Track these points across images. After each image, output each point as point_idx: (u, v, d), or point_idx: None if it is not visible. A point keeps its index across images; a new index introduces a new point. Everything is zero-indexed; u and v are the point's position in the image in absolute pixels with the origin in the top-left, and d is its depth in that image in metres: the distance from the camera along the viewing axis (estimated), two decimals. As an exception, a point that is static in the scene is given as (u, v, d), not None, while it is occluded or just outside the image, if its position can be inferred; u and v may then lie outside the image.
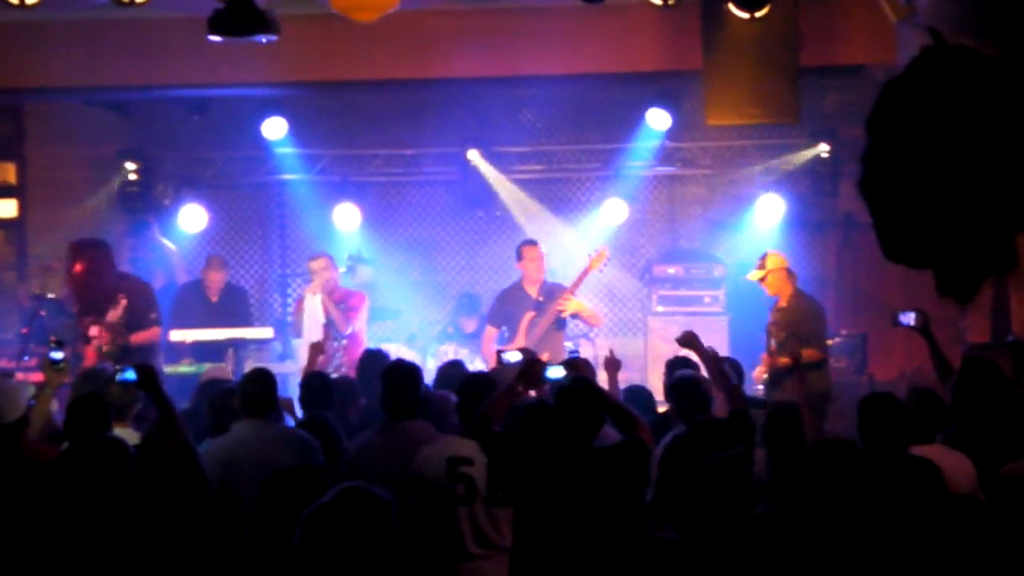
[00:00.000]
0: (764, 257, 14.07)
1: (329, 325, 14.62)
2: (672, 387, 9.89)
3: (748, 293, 16.13)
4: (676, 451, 9.18)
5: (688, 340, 10.55)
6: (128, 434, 9.21)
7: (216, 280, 15.80)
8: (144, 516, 7.34)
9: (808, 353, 12.89)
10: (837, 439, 7.57)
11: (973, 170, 5.60)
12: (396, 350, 14.37)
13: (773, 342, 13.58)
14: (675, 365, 10.98)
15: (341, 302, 14.95)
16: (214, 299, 15.74)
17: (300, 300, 15.12)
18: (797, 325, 13.55)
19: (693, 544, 8.67)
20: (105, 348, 12.99)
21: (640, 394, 10.83)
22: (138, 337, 13.20)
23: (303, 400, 10.34)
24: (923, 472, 7.66)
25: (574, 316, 14.58)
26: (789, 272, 13.94)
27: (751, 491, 8.83)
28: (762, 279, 14.00)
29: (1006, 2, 9.48)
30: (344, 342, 14.76)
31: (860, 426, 8.16)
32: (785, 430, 9.71)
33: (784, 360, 12.77)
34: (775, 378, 13.04)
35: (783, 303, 13.84)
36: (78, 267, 13.32)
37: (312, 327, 14.63)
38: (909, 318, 10.26)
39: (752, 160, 16.75)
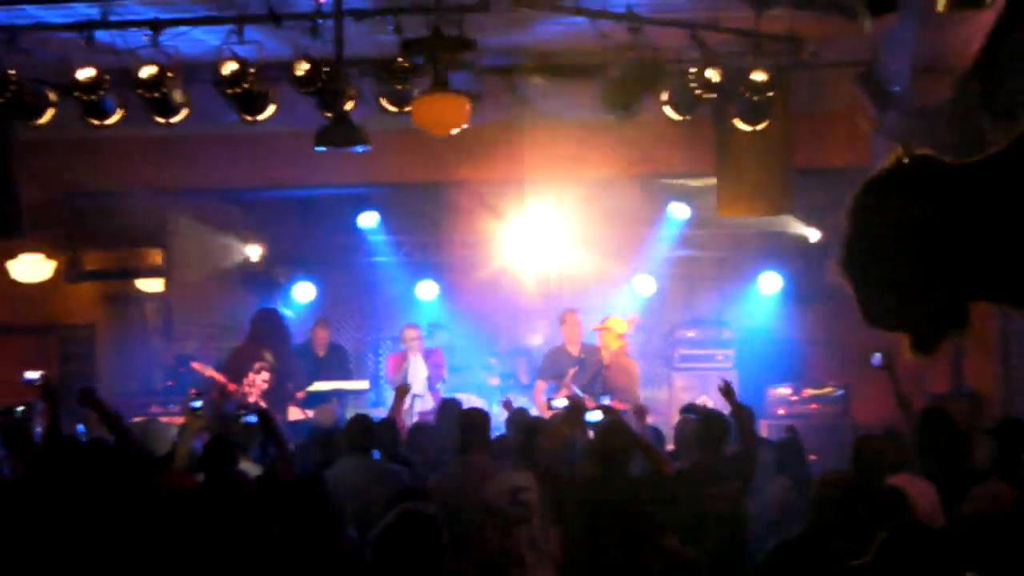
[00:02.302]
0: (607, 318, 14.64)
1: (430, 379, 15.05)
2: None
3: (753, 353, 16.13)
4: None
5: (726, 390, 10.49)
6: (250, 466, 9.28)
7: (322, 336, 15.87)
8: (265, 534, 7.37)
9: (616, 405, 12.91)
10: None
11: (933, 251, 5.60)
12: (467, 399, 14.42)
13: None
14: (686, 410, 11.02)
15: (427, 358, 15.16)
16: (321, 354, 15.80)
17: (401, 359, 15.28)
18: (613, 381, 14.15)
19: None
20: None
21: (654, 433, 10.81)
22: None
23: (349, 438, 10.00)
24: (893, 499, 7.59)
25: (598, 374, 14.54)
26: (620, 337, 14.40)
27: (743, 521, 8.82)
28: (599, 330, 14.50)
29: (955, 121, 9.51)
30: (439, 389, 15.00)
31: (853, 460, 8.12)
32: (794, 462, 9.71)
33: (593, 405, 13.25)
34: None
35: (607, 361, 14.34)
36: None
37: (416, 381, 14.85)
38: (877, 358, 10.29)
39: (756, 244, 16.74)
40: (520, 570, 8.76)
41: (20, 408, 10.28)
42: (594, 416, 8.96)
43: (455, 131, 10.97)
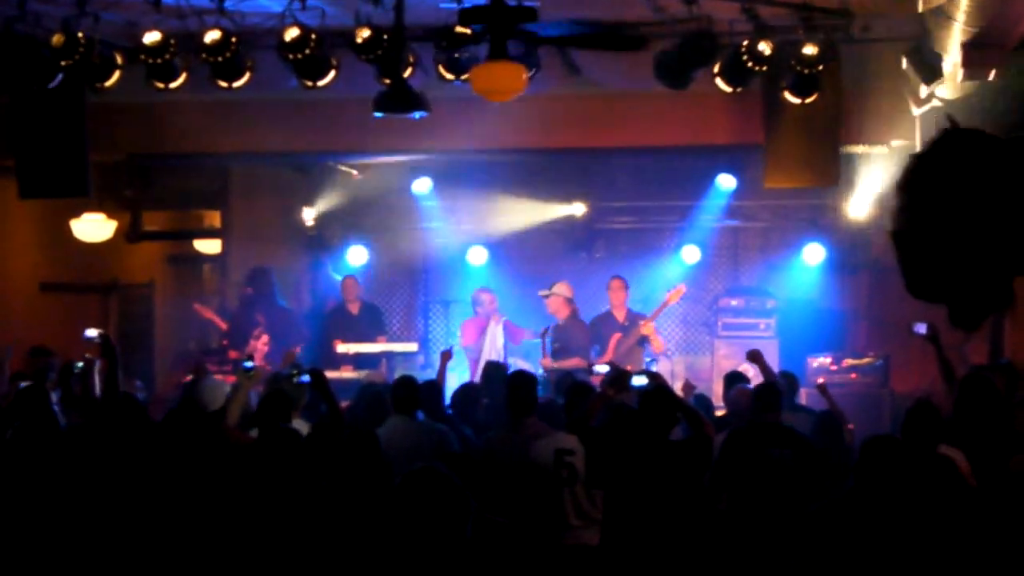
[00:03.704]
0: (554, 284, 15.03)
1: (506, 345, 15.20)
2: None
3: (795, 322, 16.06)
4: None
5: (754, 355, 10.56)
6: (300, 424, 9.32)
7: (351, 291, 15.91)
8: (317, 487, 7.40)
9: (574, 361, 13.97)
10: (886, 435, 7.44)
11: (981, 225, 5.54)
12: (515, 362, 14.44)
13: (551, 350, 14.59)
14: (731, 378, 10.97)
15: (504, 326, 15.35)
16: (354, 312, 15.83)
17: (478, 324, 15.31)
18: (567, 339, 14.56)
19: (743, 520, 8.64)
20: None
21: (703, 400, 10.80)
22: None
23: (395, 399, 10.04)
24: (946, 467, 7.52)
25: (643, 339, 14.66)
26: (568, 300, 14.86)
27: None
28: (547, 297, 14.92)
29: (1004, 97, 9.41)
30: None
31: (903, 428, 8.04)
32: (828, 434, 9.66)
33: (552, 363, 14.15)
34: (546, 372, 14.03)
35: (560, 322, 14.82)
36: None
37: (492, 348, 14.99)
38: (921, 328, 10.19)
39: (801, 215, 16.66)
40: (566, 532, 8.78)
41: (80, 364, 10.35)
42: (639, 381, 8.93)
43: (512, 99, 10.92)
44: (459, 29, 11.21)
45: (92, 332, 10.43)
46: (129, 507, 7.69)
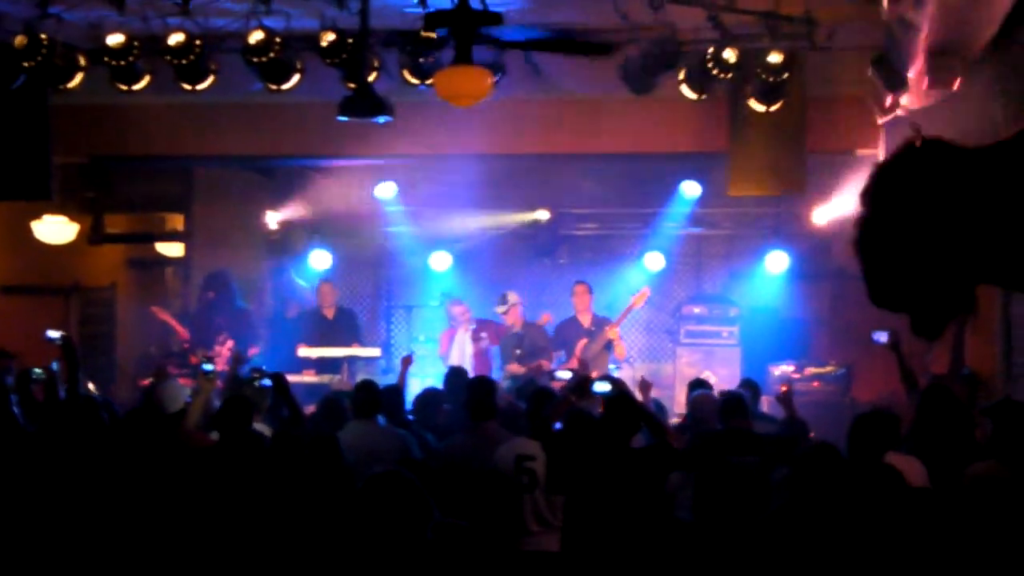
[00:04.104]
0: (506, 294, 15.27)
1: (477, 352, 15.22)
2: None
3: (757, 330, 16.08)
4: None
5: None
6: (260, 427, 9.29)
7: (328, 296, 15.83)
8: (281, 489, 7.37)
9: (541, 362, 14.40)
10: (822, 443, 7.45)
11: (943, 234, 5.55)
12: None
13: (513, 356, 14.89)
14: (694, 385, 10.96)
15: (475, 333, 15.27)
16: (329, 316, 15.76)
17: (451, 335, 15.29)
18: (529, 343, 14.83)
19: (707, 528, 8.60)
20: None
21: (658, 407, 10.79)
22: None
23: (355, 403, 9.97)
24: (890, 476, 7.50)
25: (610, 343, 14.67)
26: (521, 308, 15.21)
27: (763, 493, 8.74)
28: (505, 312, 15.13)
29: (968, 106, 9.43)
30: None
31: (849, 438, 8.03)
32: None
33: (519, 368, 14.45)
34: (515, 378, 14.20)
35: (517, 329, 15.06)
36: None
37: (462, 356, 15.08)
38: (882, 336, 10.15)
39: (764, 223, 16.68)
40: (526, 538, 8.75)
41: (38, 371, 10.25)
42: (601, 387, 8.90)
43: (476, 103, 10.90)
44: (424, 33, 11.19)
45: (54, 333, 10.37)
46: (87, 508, 7.64)
